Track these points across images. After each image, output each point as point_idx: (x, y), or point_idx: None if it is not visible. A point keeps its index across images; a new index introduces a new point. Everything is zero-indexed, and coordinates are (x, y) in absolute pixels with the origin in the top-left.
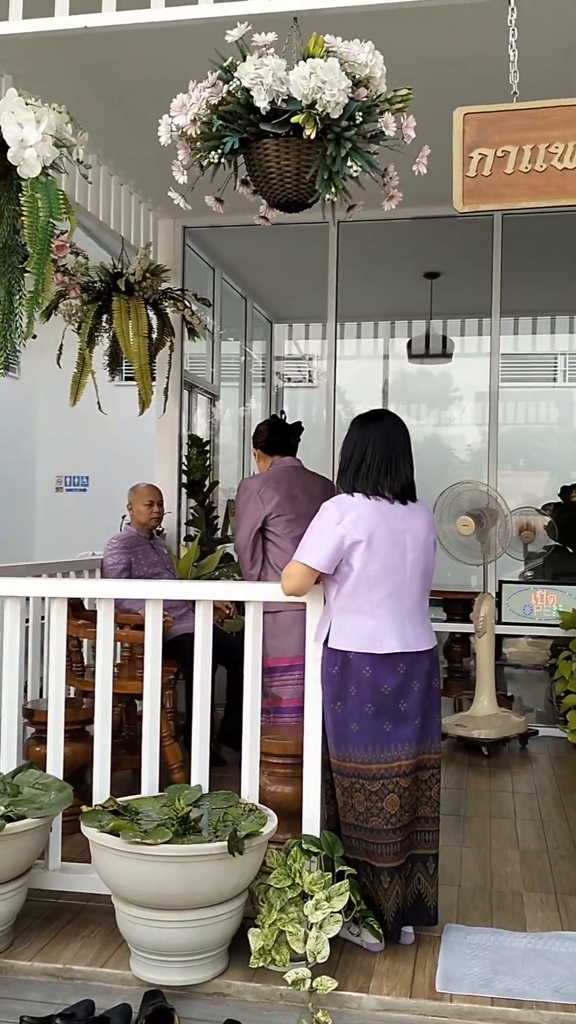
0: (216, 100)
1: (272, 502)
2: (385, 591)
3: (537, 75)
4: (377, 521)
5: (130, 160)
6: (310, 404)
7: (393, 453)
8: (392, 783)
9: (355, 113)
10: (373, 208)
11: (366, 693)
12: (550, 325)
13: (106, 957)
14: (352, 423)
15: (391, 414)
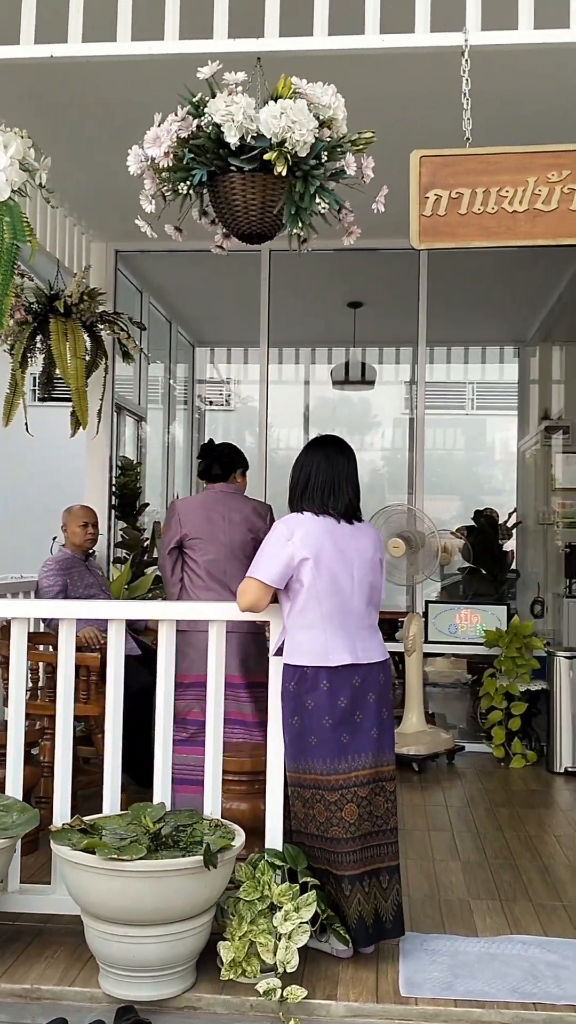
0: (186, 134)
1: (189, 524)
2: (334, 606)
3: (489, 122)
4: (324, 538)
5: (65, 183)
6: (228, 427)
7: (336, 475)
8: (350, 793)
9: (321, 152)
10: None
11: (323, 706)
12: (464, 355)
13: (73, 976)
14: (302, 449)
15: (336, 439)
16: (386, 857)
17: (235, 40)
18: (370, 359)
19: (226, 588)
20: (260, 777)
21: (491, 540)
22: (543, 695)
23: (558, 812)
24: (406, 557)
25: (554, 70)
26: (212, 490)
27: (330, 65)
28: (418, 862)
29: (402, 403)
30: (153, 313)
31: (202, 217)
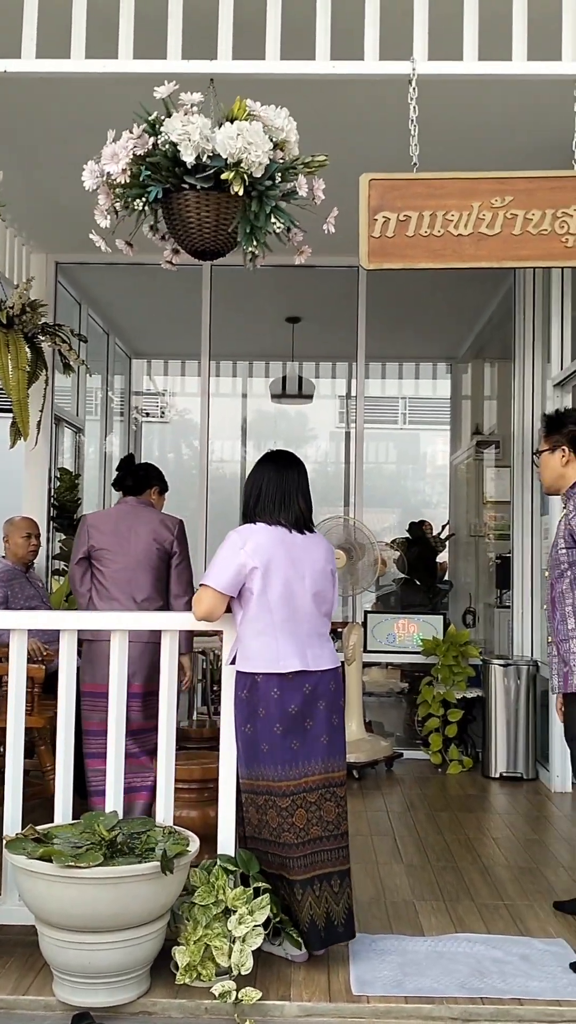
0: (142, 151)
1: (96, 536)
2: (285, 614)
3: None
4: (276, 548)
5: (7, 195)
6: (164, 440)
7: (287, 487)
8: (300, 799)
9: (275, 173)
10: (237, 254)
11: (275, 713)
12: (398, 371)
13: (27, 985)
14: (255, 465)
15: (286, 453)
16: (336, 861)
17: (188, 61)
18: (307, 373)
19: (131, 598)
20: (210, 785)
21: (425, 552)
22: (478, 702)
23: (495, 815)
24: (346, 568)
25: (497, 100)
26: (123, 503)
27: (282, 89)
28: (363, 866)
29: (337, 417)
30: (91, 325)
31: (152, 232)
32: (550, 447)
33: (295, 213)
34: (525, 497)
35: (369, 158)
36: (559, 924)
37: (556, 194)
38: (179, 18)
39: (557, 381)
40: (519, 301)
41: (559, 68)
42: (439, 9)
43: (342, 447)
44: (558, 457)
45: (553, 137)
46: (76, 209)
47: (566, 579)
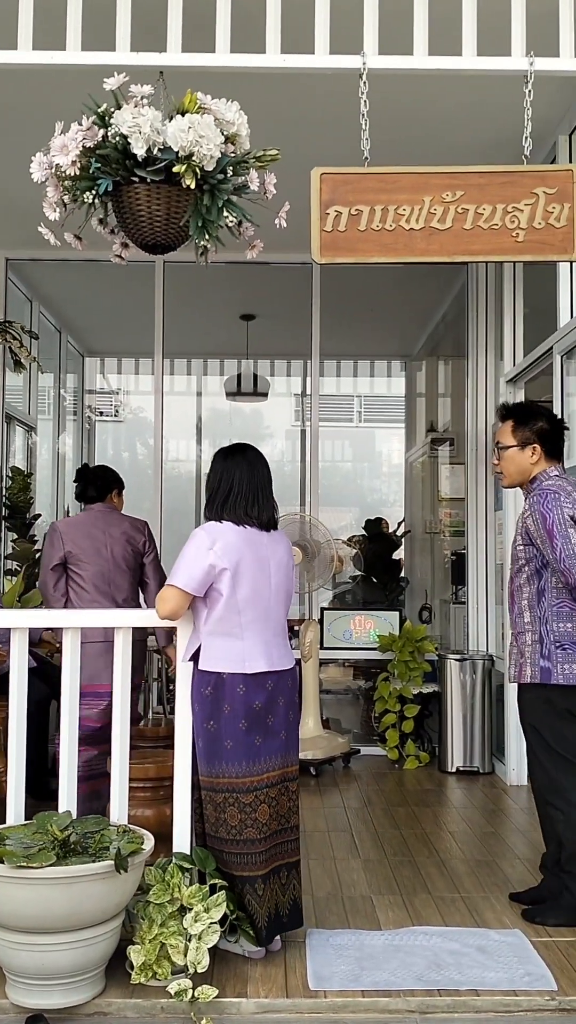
0: (91, 143)
1: (71, 542)
2: (253, 615)
3: (388, 143)
4: (245, 549)
5: None
6: (119, 438)
7: (259, 484)
8: (263, 794)
9: (227, 167)
10: (189, 250)
11: (239, 710)
12: (352, 369)
13: None
14: (216, 455)
15: (253, 447)
16: (287, 854)
17: (138, 53)
18: (262, 371)
19: (111, 599)
20: (165, 783)
21: (383, 549)
22: (435, 697)
23: (452, 809)
24: (302, 565)
25: (448, 96)
26: (91, 510)
27: (233, 82)
28: (320, 862)
29: (293, 415)
30: (43, 322)
31: (102, 226)
32: (518, 443)
33: (247, 207)
34: (479, 493)
35: (322, 153)
36: (515, 915)
37: (507, 189)
38: (128, 10)
39: (509, 377)
40: (472, 299)
41: (509, 64)
42: (390, 4)
43: (298, 445)
44: (528, 454)
45: (504, 132)
46: (26, 204)
47: (523, 574)
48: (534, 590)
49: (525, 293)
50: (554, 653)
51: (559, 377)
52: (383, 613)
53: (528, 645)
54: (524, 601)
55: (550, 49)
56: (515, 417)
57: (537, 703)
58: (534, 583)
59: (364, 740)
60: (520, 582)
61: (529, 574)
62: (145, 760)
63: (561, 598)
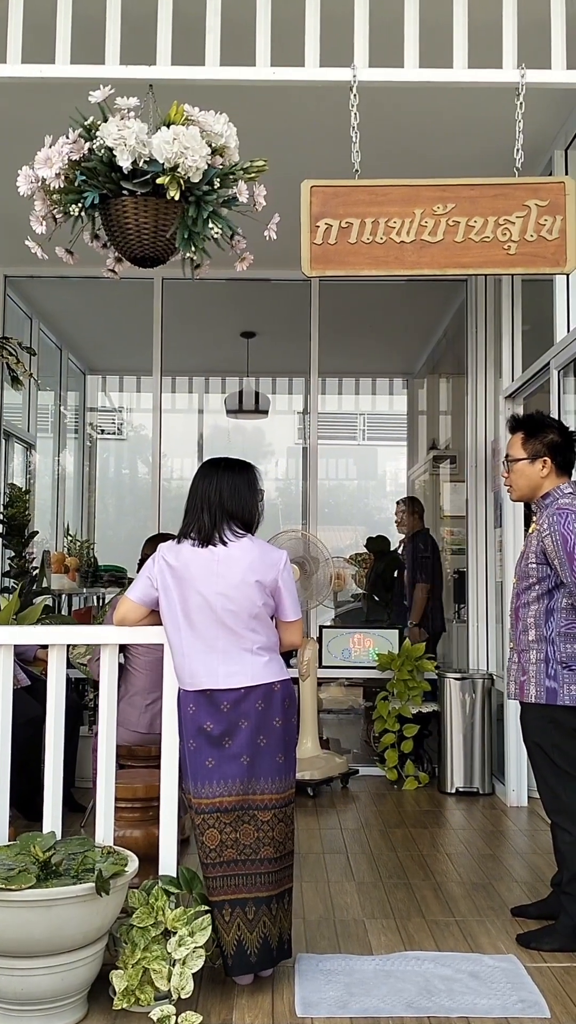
0: (77, 156)
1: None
2: (191, 632)
3: (376, 155)
4: (179, 565)
5: None
6: (121, 456)
7: (197, 499)
8: (212, 818)
9: (213, 179)
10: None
11: (190, 729)
12: (355, 387)
13: None
14: None
15: (211, 461)
16: (253, 887)
17: (127, 67)
18: (263, 388)
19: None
20: (154, 803)
21: (384, 567)
22: (435, 717)
23: (450, 831)
24: (301, 582)
25: (440, 108)
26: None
27: (222, 95)
28: (313, 884)
29: (295, 433)
30: (44, 340)
31: (93, 240)
32: (528, 456)
33: (237, 220)
34: (480, 511)
35: (313, 165)
36: (510, 940)
37: (498, 201)
38: (117, 23)
39: (508, 393)
40: (471, 315)
41: (500, 76)
42: (380, 17)
43: (300, 463)
44: (537, 468)
45: (496, 145)
46: (24, 221)
47: (533, 592)
48: (542, 609)
49: (524, 309)
50: (560, 674)
51: (556, 393)
52: (383, 632)
53: (532, 664)
54: (530, 619)
55: (543, 61)
56: (525, 429)
57: (542, 723)
58: (543, 602)
59: (363, 760)
60: (528, 599)
61: (539, 593)
62: (134, 780)
63: (571, 619)
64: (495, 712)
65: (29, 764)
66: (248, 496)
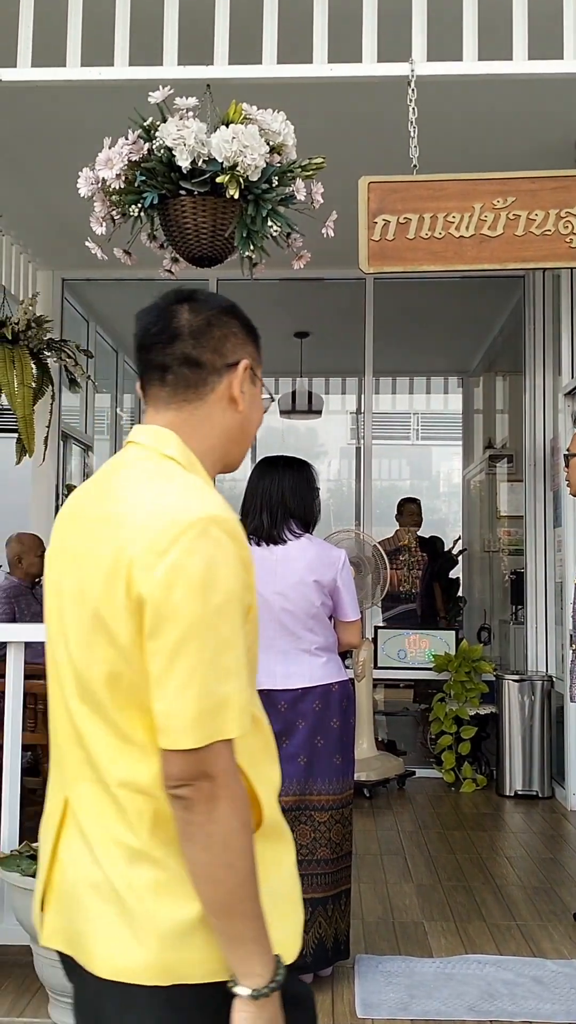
0: (137, 157)
1: None
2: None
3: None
4: None
5: (11, 211)
6: None
7: (253, 498)
8: None
9: (272, 177)
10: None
11: None
12: (409, 386)
13: (23, 1006)
14: None
15: (266, 461)
16: (309, 888)
17: (185, 67)
18: (317, 389)
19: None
20: None
21: (442, 568)
22: (492, 719)
23: (509, 834)
24: (356, 582)
25: (498, 101)
26: None
27: (280, 92)
28: (371, 886)
29: (348, 433)
30: (100, 342)
31: (151, 241)
32: None
33: (294, 218)
34: (538, 511)
35: (370, 161)
36: (573, 945)
37: (559, 194)
38: (175, 25)
39: (567, 390)
40: (529, 313)
41: (560, 67)
42: (437, 10)
43: (353, 463)
44: None
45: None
46: (81, 225)
47: None
48: None
49: None
50: None
51: None
52: (438, 632)
53: None
54: None
55: None
56: None
57: None
58: None
59: (420, 762)
60: None
61: None
62: None
63: None
64: (555, 714)
65: None
66: (307, 494)
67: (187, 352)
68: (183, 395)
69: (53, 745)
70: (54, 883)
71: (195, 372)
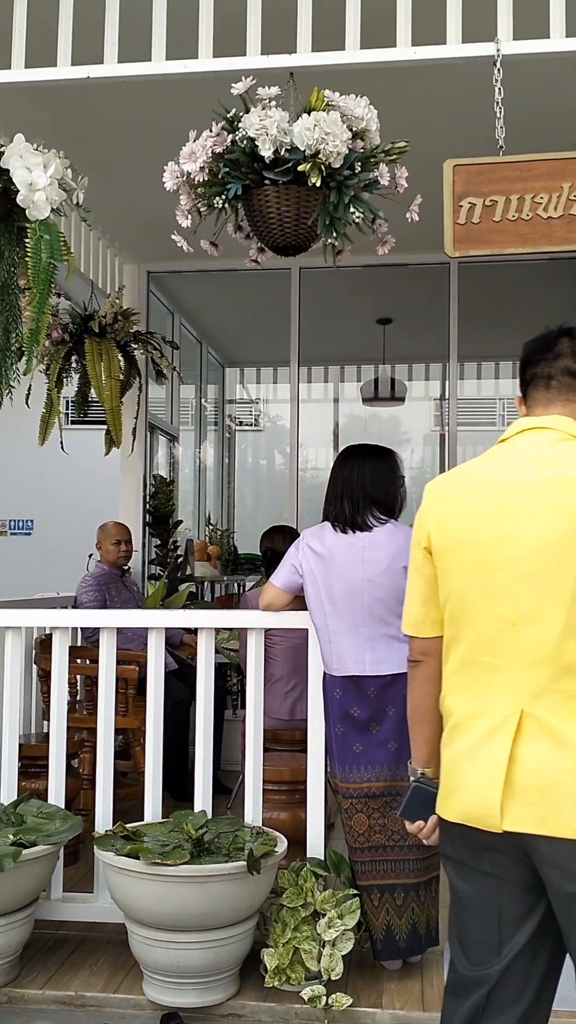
0: (220, 149)
1: None
2: (337, 619)
3: (521, 129)
4: (324, 551)
5: (98, 205)
6: (258, 447)
7: (336, 486)
8: (360, 803)
9: (354, 163)
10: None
11: (336, 714)
12: (494, 371)
13: (117, 983)
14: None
15: (347, 449)
16: (401, 874)
17: (268, 56)
18: (400, 376)
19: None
20: (299, 787)
21: None
22: None
23: None
24: None
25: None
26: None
27: (362, 77)
28: None
29: (432, 420)
30: (184, 334)
31: (236, 231)
32: None
33: (378, 204)
34: None
35: (453, 145)
36: None
37: None
38: (258, 12)
39: None
40: None
41: None
42: None
43: (436, 451)
44: None
45: None
46: (166, 218)
47: None
48: None
49: None
50: None
51: None
52: None
53: None
54: None
55: None
56: None
57: None
58: None
59: None
60: None
61: None
62: (280, 763)
63: None
64: None
65: (175, 746)
66: (390, 481)
67: (567, 366)
68: (565, 395)
69: (492, 676)
70: (517, 782)
71: (573, 379)
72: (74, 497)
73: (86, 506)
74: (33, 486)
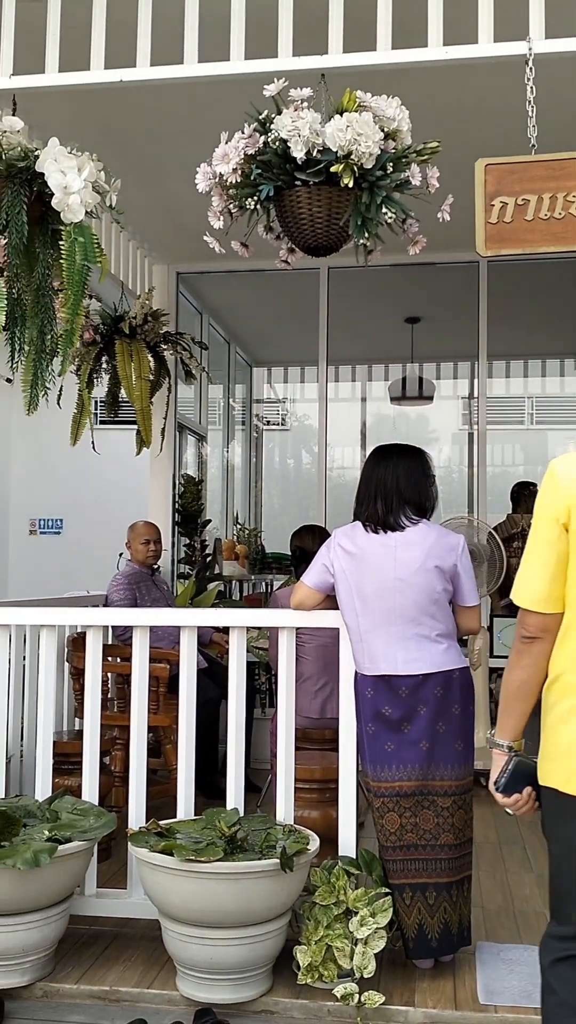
0: (252, 150)
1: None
2: (371, 617)
3: (553, 128)
4: (357, 551)
5: (128, 207)
6: (285, 447)
7: (368, 486)
8: (392, 802)
9: (386, 163)
10: (353, 255)
11: (367, 713)
12: (523, 369)
13: (151, 978)
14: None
15: (378, 449)
16: (433, 873)
17: (299, 58)
18: (428, 374)
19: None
20: (331, 785)
21: None
22: None
23: None
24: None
25: None
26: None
27: (393, 77)
28: (490, 873)
29: (460, 419)
30: (213, 334)
31: (267, 232)
32: None
33: (409, 204)
34: None
35: (484, 145)
36: None
37: None
38: (290, 14)
39: None
40: None
41: None
42: None
43: (465, 450)
44: None
45: None
46: (196, 219)
47: None
48: None
49: None
50: None
51: None
52: None
53: None
54: None
55: None
56: None
57: None
58: None
59: (535, 751)
60: None
61: None
62: (311, 761)
63: None
64: None
65: (204, 743)
66: (423, 481)
67: None
68: None
69: None
70: None
71: None
72: (103, 497)
73: (115, 506)
74: (63, 486)
